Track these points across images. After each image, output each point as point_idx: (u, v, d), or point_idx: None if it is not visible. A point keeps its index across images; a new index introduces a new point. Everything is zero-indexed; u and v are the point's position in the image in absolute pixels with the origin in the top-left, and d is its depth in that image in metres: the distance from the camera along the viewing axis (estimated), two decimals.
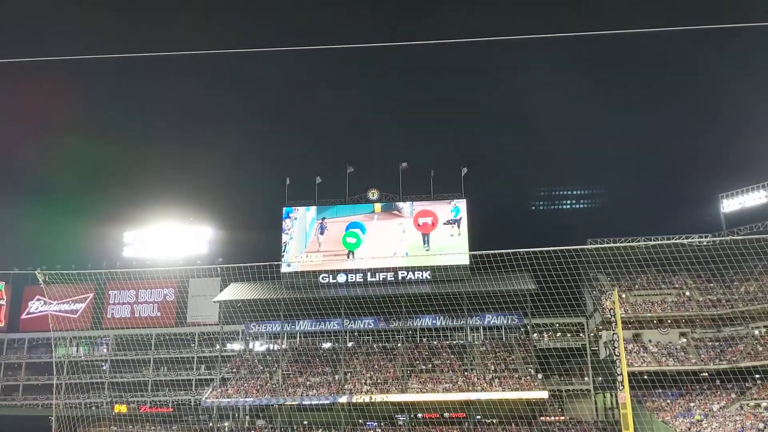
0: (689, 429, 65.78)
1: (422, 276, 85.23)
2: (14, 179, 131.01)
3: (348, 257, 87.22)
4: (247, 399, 79.96)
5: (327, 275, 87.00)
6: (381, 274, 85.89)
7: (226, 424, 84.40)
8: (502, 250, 32.68)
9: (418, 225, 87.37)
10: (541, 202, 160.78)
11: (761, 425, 63.74)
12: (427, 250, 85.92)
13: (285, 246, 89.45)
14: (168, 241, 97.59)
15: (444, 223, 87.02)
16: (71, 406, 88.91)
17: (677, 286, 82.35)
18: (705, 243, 46.70)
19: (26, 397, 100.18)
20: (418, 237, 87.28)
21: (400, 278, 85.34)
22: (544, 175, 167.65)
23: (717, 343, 76.28)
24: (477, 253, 47.32)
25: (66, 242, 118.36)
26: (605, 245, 37.50)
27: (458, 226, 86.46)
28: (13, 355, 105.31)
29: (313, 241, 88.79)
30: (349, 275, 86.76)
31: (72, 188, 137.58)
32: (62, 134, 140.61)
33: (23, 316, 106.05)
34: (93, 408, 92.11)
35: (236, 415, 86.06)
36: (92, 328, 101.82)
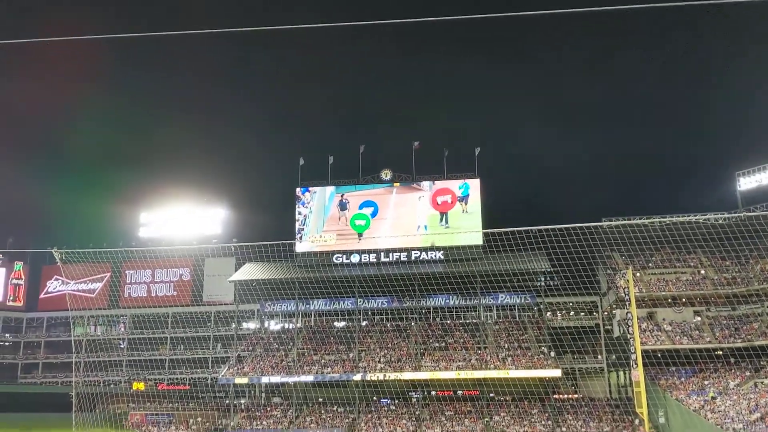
0: (703, 407, 65.85)
1: (435, 256, 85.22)
2: (32, 162, 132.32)
3: (358, 239, 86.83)
4: (263, 376, 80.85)
5: (341, 255, 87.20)
6: (394, 254, 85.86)
7: (242, 401, 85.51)
8: (516, 228, 32.64)
9: (437, 204, 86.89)
10: (556, 182, 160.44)
11: None
12: (445, 228, 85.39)
13: (305, 219, 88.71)
14: (183, 221, 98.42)
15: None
16: (90, 383, 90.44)
17: (692, 264, 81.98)
18: (721, 220, 46.39)
19: (45, 375, 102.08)
20: (437, 213, 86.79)
21: (413, 258, 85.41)
22: (559, 154, 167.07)
23: (732, 322, 76.04)
24: (490, 231, 47.15)
25: (83, 223, 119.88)
26: (620, 221, 37.20)
27: (465, 203, 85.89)
28: (32, 333, 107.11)
29: (334, 216, 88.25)
30: (363, 255, 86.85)
31: (89, 170, 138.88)
32: (80, 116, 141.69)
33: (42, 296, 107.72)
34: (111, 385, 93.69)
35: (252, 392, 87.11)
36: (109, 308, 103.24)
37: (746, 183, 79.73)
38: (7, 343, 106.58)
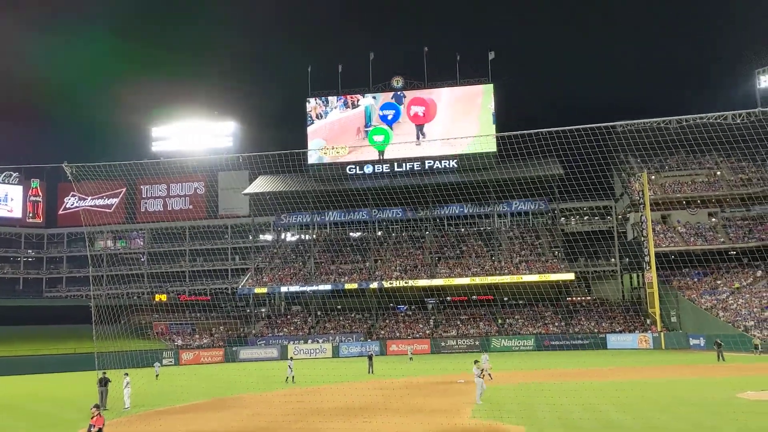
0: (715, 306, 66.67)
1: (449, 165, 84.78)
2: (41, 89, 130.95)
3: (380, 157, 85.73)
4: (281, 286, 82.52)
5: (354, 167, 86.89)
6: (407, 164, 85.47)
7: (263, 309, 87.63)
8: (527, 131, 31.97)
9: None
10: (571, 87, 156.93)
11: None
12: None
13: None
14: (194, 136, 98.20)
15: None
16: (113, 296, 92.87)
17: (708, 166, 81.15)
18: (738, 120, 45.16)
19: (69, 289, 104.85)
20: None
21: (426, 167, 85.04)
22: (574, 58, 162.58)
23: (746, 222, 75.94)
24: (502, 134, 46.28)
25: (96, 143, 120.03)
26: (635, 120, 36.49)
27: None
28: (54, 249, 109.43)
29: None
30: (376, 166, 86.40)
31: (99, 86, 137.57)
32: (90, 28, 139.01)
33: (60, 212, 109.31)
34: (135, 297, 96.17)
35: (272, 301, 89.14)
36: (127, 222, 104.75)
37: (767, 81, 77.64)
38: (30, 259, 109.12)
